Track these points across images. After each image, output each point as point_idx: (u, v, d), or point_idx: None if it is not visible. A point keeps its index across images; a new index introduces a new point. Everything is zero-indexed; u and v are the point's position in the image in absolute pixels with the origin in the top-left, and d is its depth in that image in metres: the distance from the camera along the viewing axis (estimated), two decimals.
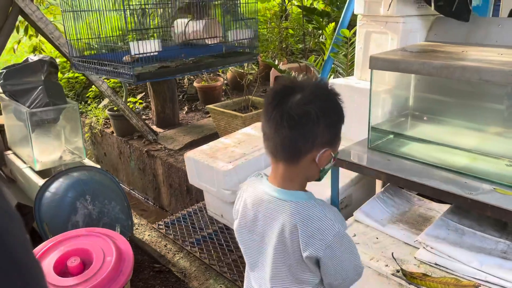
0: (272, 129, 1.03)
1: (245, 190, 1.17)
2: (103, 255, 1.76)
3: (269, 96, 1.06)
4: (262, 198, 1.11)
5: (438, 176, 1.65)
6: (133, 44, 2.27)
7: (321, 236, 1.02)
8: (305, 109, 1.00)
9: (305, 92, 1.03)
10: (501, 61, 1.59)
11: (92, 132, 5.16)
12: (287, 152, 1.06)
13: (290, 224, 1.04)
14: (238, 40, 2.78)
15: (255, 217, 1.12)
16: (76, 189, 2.47)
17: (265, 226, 1.10)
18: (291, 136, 1.02)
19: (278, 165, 1.09)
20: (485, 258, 1.56)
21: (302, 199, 1.07)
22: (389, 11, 2.20)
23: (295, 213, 1.04)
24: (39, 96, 2.81)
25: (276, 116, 1.01)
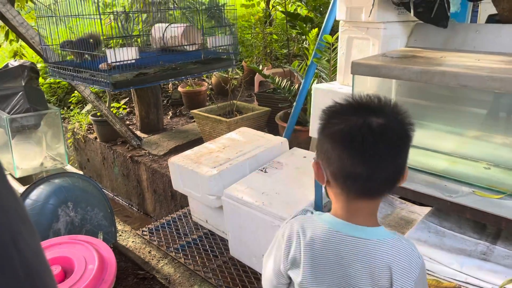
0: (370, 162, 0.90)
1: (302, 232, 0.99)
2: (85, 263, 1.74)
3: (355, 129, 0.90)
4: (341, 239, 0.96)
5: (419, 179, 1.68)
6: (109, 52, 2.24)
7: (410, 271, 0.94)
8: (404, 134, 0.94)
9: (388, 114, 0.93)
10: (479, 67, 1.63)
11: (75, 138, 5.10)
12: (388, 186, 0.96)
13: (381, 265, 0.94)
14: (217, 47, 2.78)
15: (333, 265, 0.97)
16: (57, 196, 2.44)
17: (348, 273, 0.96)
18: (397, 165, 0.94)
19: (358, 203, 0.96)
20: (465, 259, 1.58)
21: (388, 236, 0.97)
22: (370, 17, 2.24)
23: (387, 252, 0.94)
24: (20, 102, 2.76)
25: (374, 147, 0.90)
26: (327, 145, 0.95)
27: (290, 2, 5.75)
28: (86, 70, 2.33)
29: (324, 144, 0.96)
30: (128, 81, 2.36)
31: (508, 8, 2.07)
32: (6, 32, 4.51)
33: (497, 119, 1.78)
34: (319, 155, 0.98)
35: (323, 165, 0.97)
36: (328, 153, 0.94)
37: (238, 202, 2.32)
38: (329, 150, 0.94)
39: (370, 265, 0.94)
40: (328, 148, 0.94)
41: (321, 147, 0.97)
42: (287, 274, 1.02)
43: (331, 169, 0.95)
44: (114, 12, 3.09)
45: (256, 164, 2.66)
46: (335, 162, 0.93)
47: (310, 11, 5.12)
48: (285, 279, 1.04)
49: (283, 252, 1.01)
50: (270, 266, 1.07)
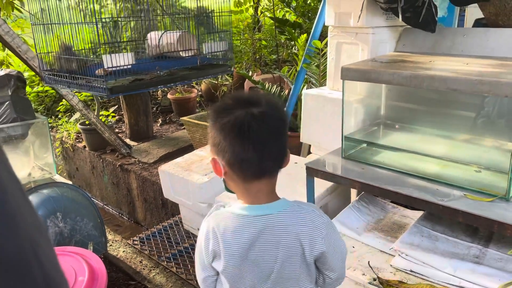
0: (258, 145, 1.02)
1: (216, 227, 1.08)
2: (74, 275, 1.71)
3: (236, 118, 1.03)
4: (249, 221, 1.06)
5: (411, 183, 1.68)
6: (106, 57, 2.24)
7: (316, 230, 1.06)
8: (280, 119, 1.08)
9: (265, 104, 1.06)
10: (467, 71, 1.64)
11: (63, 147, 5.03)
12: (276, 164, 1.08)
13: (289, 232, 1.06)
14: (213, 53, 2.77)
15: (247, 247, 1.06)
16: (46, 206, 2.40)
17: (262, 250, 1.06)
18: (276, 148, 1.06)
19: (256, 184, 1.07)
20: (458, 263, 1.58)
21: (288, 205, 1.09)
22: (359, 23, 2.24)
23: (291, 220, 1.07)
24: (6, 111, 2.72)
25: (259, 132, 1.02)
26: (219, 138, 1.04)
27: (279, 8, 5.77)
28: (82, 76, 2.30)
29: (216, 138, 1.05)
30: (125, 87, 2.35)
31: (494, 12, 2.09)
32: None
33: (487, 122, 1.79)
34: (213, 150, 1.08)
35: (219, 158, 1.07)
36: (221, 145, 1.04)
37: None
38: (221, 142, 1.04)
39: (279, 236, 1.05)
40: (221, 140, 1.04)
41: (213, 141, 1.07)
42: (211, 267, 1.11)
43: (226, 159, 1.05)
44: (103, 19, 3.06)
45: None
46: (228, 151, 1.03)
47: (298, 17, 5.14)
48: (212, 271, 1.13)
49: (203, 248, 1.10)
50: (197, 261, 1.16)
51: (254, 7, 6.49)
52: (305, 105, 2.62)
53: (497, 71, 1.64)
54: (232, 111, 1.03)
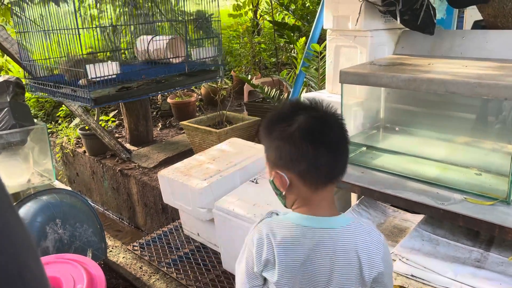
0: (331, 149, 1.00)
1: (271, 234, 1.02)
2: (73, 283, 1.69)
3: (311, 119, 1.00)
4: (309, 233, 1.01)
5: (411, 187, 1.67)
6: (89, 67, 2.17)
7: (375, 248, 1.02)
8: (341, 121, 1.05)
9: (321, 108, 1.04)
10: (466, 73, 1.63)
11: (63, 152, 5.03)
12: (344, 168, 1.05)
13: (347, 251, 1.01)
14: (202, 59, 2.73)
15: (304, 259, 1.01)
16: (45, 213, 2.38)
17: (318, 263, 1.02)
18: (345, 151, 1.04)
19: (324, 192, 1.03)
20: (459, 267, 1.57)
21: (348, 221, 1.04)
22: (357, 26, 2.24)
23: (351, 236, 1.02)
24: (5, 118, 2.72)
25: (329, 135, 1.00)
26: (288, 149, 0.99)
27: (278, 11, 5.78)
28: (67, 86, 2.26)
29: (283, 149, 1.00)
30: (110, 96, 2.29)
31: (493, 14, 2.09)
32: None
33: (486, 125, 1.78)
34: (278, 165, 1.02)
35: (283, 171, 1.02)
36: (291, 156, 0.99)
37: (229, 214, 2.29)
38: (291, 153, 0.99)
39: (338, 251, 1.00)
40: (290, 151, 0.99)
41: (279, 154, 1.01)
42: (261, 276, 1.05)
43: (298, 170, 1.00)
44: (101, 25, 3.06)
45: (247, 175, 2.64)
46: (302, 160, 0.98)
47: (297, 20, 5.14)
48: (259, 280, 1.07)
49: (255, 256, 1.03)
50: (242, 270, 1.09)
51: (253, 11, 6.50)
52: None
53: (496, 74, 1.64)
54: (294, 118, 0.99)
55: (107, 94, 2.27)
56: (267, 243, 1.01)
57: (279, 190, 1.05)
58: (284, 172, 1.02)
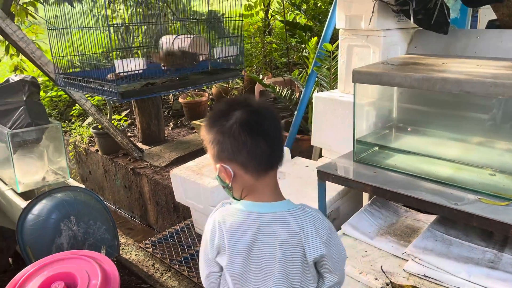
0: (268, 138, 1.08)
1: (222, 221, 1.10)
2: (88, 279, 1.72)
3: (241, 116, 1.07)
4: (253, 218, 1.09)
5: (424, 187, 1.66)
6: (117, 62, 2.25)
7: (318, 234, 1.10)
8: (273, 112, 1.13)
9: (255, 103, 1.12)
10: (481, 73, 1.62)
11: (76, 151, 5.09)
12: (281, 155, 1.13)
13: (289, 234, 1.09)
14: (224, 57, 2.77)
15: (250, 243, 1.09)
16: (60, 210, 2.42)
17: (262, 247, 1.09)
18: (280, 140, 1.14)
19: (266, 178, 1.11)
20: (473, 268, 1.56)
21: (293, 207, 1.12)
22: (370, 25, 2.24)
23: (294, 221, 1.10)
24: (21, 116, 2.76)
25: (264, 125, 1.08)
26: (229, 142, 1.06)
27: (289, 11, 5.77)
28: (95, 80, 2.33)
29: (224, 142, 1.06)
30: (136, 91, 2.36)
31: (507, 13, 2.07)
32: (7, 47, 4.52)
33: (501, 125, 1.77)
34: (221, 157, 1.09)
35: (229, 163, 1.08)
36: (232, 148, 1.06)
37: None
38: (232, 144, 1.06)
39: (279, 234, 1.08)
40: (231, 144, 1.06)
41: (221, 147, 1.07)
42: (215, 262, 1.14)
43: (240, 161, 1.07)
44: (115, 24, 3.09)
45: None
46: (242, 150, 1.05)
47: (309, 20, 5.14)
48: (216, 266, 1.15)
49: (209, 242, 1.12)
50: (201, 258, 1.18)
51: (264, 11, 6.50)
52: (316, 108, 2.62)
53: (511, 73, 1.62)
54: (232, 114, 1.07)
55: (133, 89, 2.33)
56: (218, 230, 1.10)
57: (225, 182, 1.11)
58: (228, 164, 1.08)
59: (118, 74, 2.27)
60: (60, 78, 2.56)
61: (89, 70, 2.61)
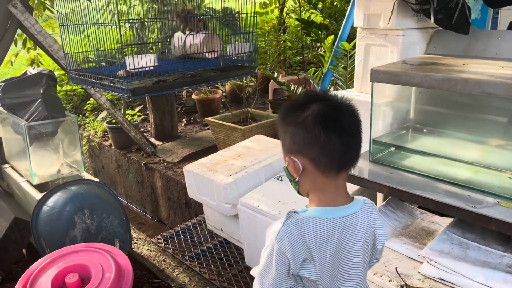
0: (344, 135, 1.02)
1: (303, 234, 1.02)
2: (102, 271, 1.73)
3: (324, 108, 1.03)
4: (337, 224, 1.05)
5: (441, 189, 1.64)
6: (128, 59, 2.24)
7: (381, 222, 1.16)
8: (356, 111, 1.08)
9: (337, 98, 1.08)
10: (503, 74, 1.59)
11: (90, 145, 5.13)
12: (358, 156, 1.09)
13: (367, 229, 1.11)
14: (237, 54, 2.77)
15: (336, 249, 1.06)
16: (74, 203, 2.44)
17: (349, 249, 1.09)
18: (358, 140, 1.08)
19: (338, 179, 1.07)
20: (490, 272, 1.53)
21: (362, 203, 1.13)
22: (389, 24, 2.21)
23: (367, 216, 1.11)
24: (38, 109, 2.79)
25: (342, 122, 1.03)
26: (301, 134, 1.01)
27: (304, 9, 5.75)
28: (106, 77, 2.33)
29: (297, 134, 1.02)
30: (147, 88, 2.36)
31: None
32: (24, 40, 4.57)
33: None
34: (292, 149, 1.05)
35: (299, 156, 1.04)
36: (305, 140, 1.01)
37: (254, 210, 2.30)
38: (305, 137, 1.01)
39: (362, 233, 1.09)
40: (304, 136, 1.01)
41: (293, 139, 1.03)
42: (297, 276, 1.05)
43: (310, 155, 1.02)
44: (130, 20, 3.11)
45: (271, 172, 2.64)
46: (314, 144, 1.01)
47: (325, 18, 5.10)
48: (291, 281, 1.06)
49: (291, 259, 1.01)
50: (273, 276, 1.05)
51: (279, 9, 6.48)
52: None
53: None
54: (309, 106, 1.02)
55: (144, 86, 2.33)
56: (302, 242, 1.01)
57: (293, 176, 1.08)
58: (298, 158, 1.04)
59: (129, 71, 2.27)
60: (72, 74, 2.58)
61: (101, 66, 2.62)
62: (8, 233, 2.63)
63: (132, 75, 2.27)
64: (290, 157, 1.05)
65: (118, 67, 2.42)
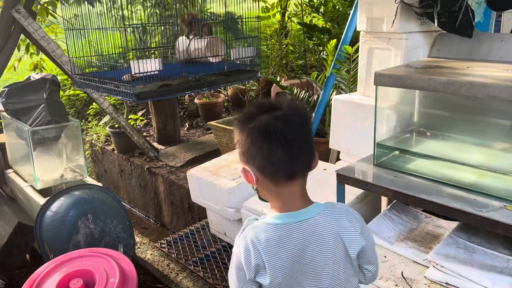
0: (286, 145, 1.03)
1: (256, 240, 1.05)
2: (106, 276, 1.73)
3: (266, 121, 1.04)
4: (290, 229, 1.05)
5: (446, 193, 1.63)
6: (133, 63, 2.25)
7: (353, 226, 1.09)
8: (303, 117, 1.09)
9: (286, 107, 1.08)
10: (507, 77, 1.59)
11: (92, 150, 5.14)
12: (306, 164, 1.08)
13: (331, 235, 1.07)
14: (241, 59, 2.77)
15: (292, 255, 1.05)
16: (77, 208, 2.44)
17: (312, 255, 1.06)
18: (305, 147, 1.07)
19: (290, 187, 1.07)
20: (496, 276, 1.53)
21: (323, 207, 1.10)
22: (392, 28, 2.21)
23: (329, 221, 1.08)
24: (41, 114, 2.79)
25: (284, 132, 1.03)
26: (247, 144, 1.05)
27: (306, 13, 5.75)
28: (111, 81, 2.34)
29: (244, 145, 1.06)
30: (152, 92, 2.36)
31: None
32: (27, 45, 4.59)
33: None
34: (243, 159, 1.08)
35: (249, 166, 1.07)
36: (250, 151, 1.04)
37: (258, 214, 2.29)
38: (250, 148, 1.04)
39: (322, 238, 1.06)
40: (249, 146, 1.04)
41: (242, 149, 1.07)
42: (254, 282, 1.08)
43: (256, 165, 1.05)
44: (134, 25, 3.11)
45: None
46: (258, 155, 1.03)
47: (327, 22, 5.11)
48: (253, 286, 1.09)
49: (244, 263, 1.06)
50: (233, 279, 1.11)
51: (281, 13, 6.49)
52: (335, 110, 2.60)
53: None
54: (256, 117, 1.05)
55: (149, 90, 2.34)
56: (253, 249, 1.04)
57: (251, 185, 1.11)
58: (248, 167, 1.07)
59: (134, 75, 2.27)
60: (76, 78, 2.58)
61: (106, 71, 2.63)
62: (12, 238, 2.63)
63: (137, 80, 2.28)
64: (243, 167, 1.09)
65: (122, 72, 2.42)
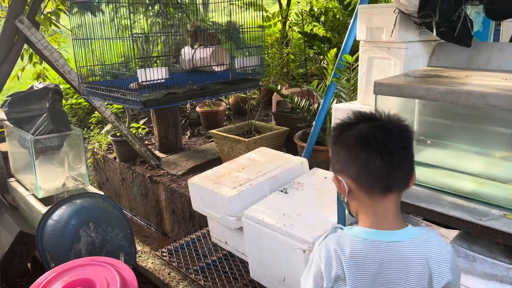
0: (386, 155, 1.00)
1: (339, 250, 1.03)
2: (107, 285, 1.73)
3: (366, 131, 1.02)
4: (379, 248, 1.02)
5: (446, 201, 1.64)
6: (140, 71, 2.30)
7: (445, 259, 1.04)
8: (405, 129, 1.07)
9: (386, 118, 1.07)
10: (506, 86, 1.60)
11: (94, 158, 5.16)
12: (405, 177, 1.05)
13: (420, 263, 1.02)
14: (245, 68, 2.81)
15: (375, 274, 1.02)
16: (79, 216, 2.45)
17: (391, 276, 1.02)
18: (404, 159, 1.04)
19: (385, 201, 1.04)
20: (497, 285, 1.53)
21: (417, 233, 1.05)
22: (392, 37, 2.23)
23: (421, 248, 1.03)
24: (44, 123, 2.81)
25: (384, 141, 1.01)
26: (342, 153, 1.04)
27: (307, 22, 5.80)
28: (118, 89, 2.37)
29: (339, 153, 1.05)
30: (158, 100, 2.40)
31: None
32: (30, 55, 4.64)
33: None
34: (336, 169, 1.07)
35: (342, 176, 1.05)
36: (345, 159, 1.03)
37: (259, 223, 2.29)
38: (345, 156, 1.03)
39: (409, 265, 1.01)
40: (344, 154, 1.03)
41: (337, 158, 1.06)
42: None
43: (351, 174, 1.03)
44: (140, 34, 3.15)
45: (276, 184, 2.64)
46: (354, 163, 1.02)
47: (327, 32, 5.15)
48: None
49: (324, 272, 1.04)
50: (308, 284, 1.09)
51: (282, 22, 6.54)
52: (335, 119, 2.61)
53: None
54: (354, 126, 1.04)
55: (155, 98, 2.37)
56: (335, 258, 1.02)
57: (342, 197, 1.09)
58: (342, 177, 1.05)
59: (141, 83, 2.31)
60: (83, 87, 2.61)
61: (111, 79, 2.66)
62: (13, 247, 2.64)
63: (143, 88, 2.32)
64: (336, 176, 1.07)
65: (129, 80, 2.46)
